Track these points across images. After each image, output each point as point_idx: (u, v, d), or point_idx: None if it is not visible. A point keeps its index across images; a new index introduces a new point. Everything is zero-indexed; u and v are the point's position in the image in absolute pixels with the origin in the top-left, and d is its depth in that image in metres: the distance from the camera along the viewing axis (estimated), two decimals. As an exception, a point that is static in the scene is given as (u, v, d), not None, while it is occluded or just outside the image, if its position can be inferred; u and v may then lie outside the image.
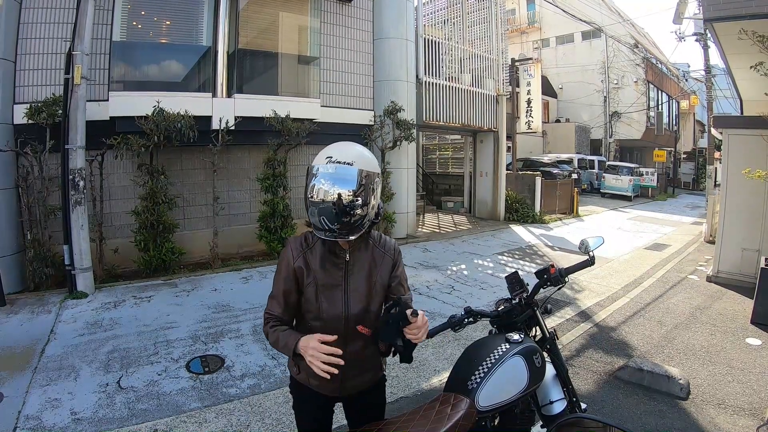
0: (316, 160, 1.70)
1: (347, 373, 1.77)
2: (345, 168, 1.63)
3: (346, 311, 1.76)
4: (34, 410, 3.40)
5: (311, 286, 1.75)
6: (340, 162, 1.64)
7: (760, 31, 5.48)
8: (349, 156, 1.66)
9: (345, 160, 1.65)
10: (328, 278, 1.76)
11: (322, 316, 1.75)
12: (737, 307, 6.20)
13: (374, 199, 1.70)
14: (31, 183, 6.29)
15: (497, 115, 13.27)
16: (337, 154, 1.66)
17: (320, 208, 1.64)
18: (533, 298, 2.29)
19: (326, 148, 1.71)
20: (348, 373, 1.77)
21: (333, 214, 1.62)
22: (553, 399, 2.21)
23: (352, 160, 1.65)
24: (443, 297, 6.38)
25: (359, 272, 1.79)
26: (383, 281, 1.83)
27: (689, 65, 37.81)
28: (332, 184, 1.62)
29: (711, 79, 17.58)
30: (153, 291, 6.23)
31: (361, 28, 10.04)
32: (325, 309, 1.74)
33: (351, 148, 1.72)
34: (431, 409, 1.83)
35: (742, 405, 3.73)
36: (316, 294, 1.74)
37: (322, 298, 1.75)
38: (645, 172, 22.85)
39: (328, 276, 1.76)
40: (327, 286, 1.75)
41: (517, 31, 30.42)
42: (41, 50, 6.68)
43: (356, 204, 1.63)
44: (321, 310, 1.74)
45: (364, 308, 1.79)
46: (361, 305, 1.78)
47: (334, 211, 1.62)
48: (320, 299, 1.74)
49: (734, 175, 7.03)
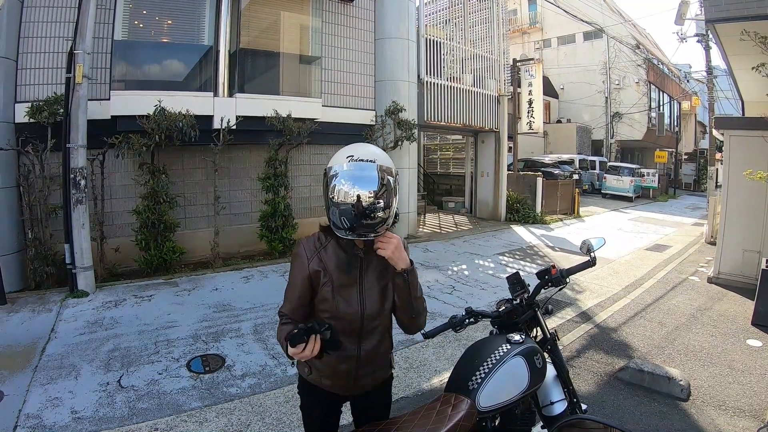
0: (334, 161, 1.68)
1: (361, 371, 1.81)
2: (368, 165, 1.63)
3: (362, 309, 1.76)
4: (35, 409, 3.40)
5: (327, 285, 1.75)
6: (363, 160, 1.64)
7: (762, 32, 5.48)
8: (370, 154, 1.66)
9: (367, 158, 1.65)
10: (343, 277, 1.76)
11: (338, 315, 1.74)
12: (738, 309, 6.19)
13: (395, 198, 1.70)
14: (32, 182, 6.29)
15: (498, 115, 13.27)
16: (359, 153, 1.66)
17: (342, 209, 1.63)
18: (534, 299, 2.29)
19: (343, 149, 1.70)
20: (362, 371, 1.81)
21: (354, 215, 1.61)
22: (554, 400, 2.20)
23: (373, 158, 1.65)
24: (444, 297, 6.39)
25: (374, 270, 1.80)
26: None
27: (691, 66, 38.00)
28: (353, 184, 1.61)
29: (712, 80, 17.55)
30: (154, 290, 6.23)
31: (363, 27, 10.03)
32: (342, 308, 1.74)
33: (369, 147, 1.73)
34: (432, 410, 1.83)
35: (742, 406, 3.73)
36: (332, 293, 1.75)
37: (338, 297, 1.75)
38: (646, 172, 22.82)
39: (343, 275, 1.76)
40: (343, 284, 1.76)
41: (519, 32, 30.42)
42: (43, 49, 6.68)
43: (379, 205, 1.62)
44: (337, 309, 1.74)
45: (380, 306, 1.80)
46: (377, 303, 1.79)
47: (359, 210, 1.61)
48: (336, 298, 1.75)
49: (735, 177, 7.03)
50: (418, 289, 1.81)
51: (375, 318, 1.80)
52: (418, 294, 1.81)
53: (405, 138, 9.81)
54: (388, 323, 1.90)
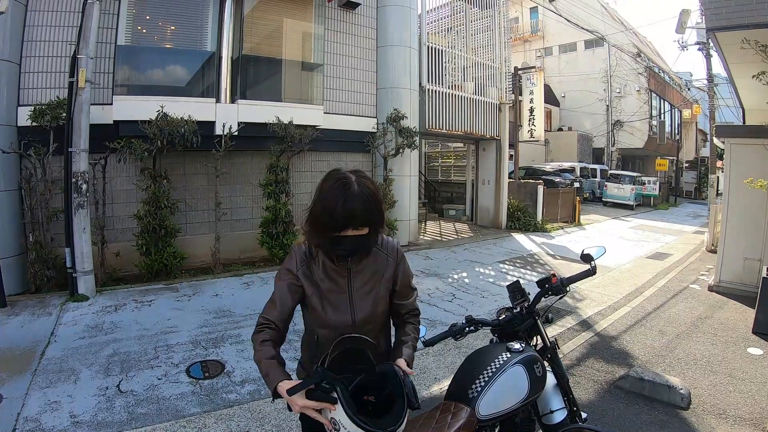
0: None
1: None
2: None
3: (353, 317, 1.74)
4: (34, 412, 3.39)
5: (315, 295, 1.73)
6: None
7: (763, 40, 5.50)
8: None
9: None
10: (332, 286, 1.74)
11: (329, 324, 1.73)
12: (739, 317, 6.18)
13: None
14: (33, 185, 6.32)
15: (500, 123, 13.29)
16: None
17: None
18: (534, 308, 2.29)
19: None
20: None
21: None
22: (554, 408, 2.20)
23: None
24: (444, 305, 6.38)
25: (363, 277, 1.78)
26: (387, 284, 1.83)
27: (692, 74, 37.89)
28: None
29: (713, 88, 17.57)
30: (154, 295, 6.23)
31: (365, 35, 10.08)
32: (332, 317, 1.73)
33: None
34: (432, 418, 1.83)
35: (743, 415, 3.72)
36: (321, 303, 1.73)
37: (327, 306, 1.73)
38: (647, 180, 22.83)
39: (332, 284, 1.74)
40: (332, 293, 1.74)
41: (520, 40, 30.52)
42: (46, 53, 6.73)
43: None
44: (327, 318, 1.73)
45: (371, 312, 1.78)
46: (368, 310, 1.77)
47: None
48: (326, 307, 1.73)
49: (736, 185, 7.03)
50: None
51: (367, 324, 1.77)
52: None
53: (406, 145, 9.82)
54: (382, 325, 1.87)
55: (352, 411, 1.38)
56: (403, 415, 1.48)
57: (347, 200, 1.54)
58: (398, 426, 1.44)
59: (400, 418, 1.46)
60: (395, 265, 1.85)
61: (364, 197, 1.57)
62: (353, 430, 1.38)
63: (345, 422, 1.38)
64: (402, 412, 1.48)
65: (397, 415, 1.47)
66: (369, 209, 1.58)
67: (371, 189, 1.61)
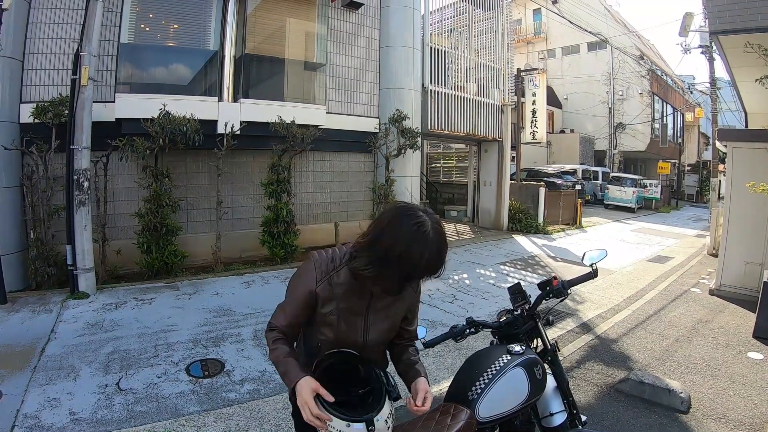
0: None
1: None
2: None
3: (365, 338, 1.73)
4: (33, 409, 3.40)
5: (332, 314, 1.67)
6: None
7: (766, 44, 5.50)
8: None
9: None
10: (351, 306, 1.69)
11: (339, 338, 1.70)
12: (739, 321, 6.16)
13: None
14: (35, 182, 6.32)
15: (502, 124, 13.29)
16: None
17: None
18: (535, 310, 2.29)
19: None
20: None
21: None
22: (554, 411, 2.20)
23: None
24: (445, 306, 6.38)
25: (384, 302, 1.73)
26: (404, 311, 1.82)
27: (694, 77, 37.93)
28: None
29: (716, 92, 17.54)
30: (155, 293, 6.23)
31: (368, 35, 10.09)
32: (344, 333, 1.70)
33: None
34: (431, 420, 1.82)
35: (742, 419, 3.71)
36: (336, 320, 1.68)
37: (342, 323, 1.69)
38: (649, 183, 22.81)
39: (351, 304, 1.68)
40: (349, 313, 1.69)
41: (523, 41, 30.54)
42: (49, 50, 6.74)
43: None
44: (339, 332, 1.70)
45: (384, 337, 1.79)
46: (381, 334, 1.77)
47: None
48: (341, 324, 1.69)
49: (738, 188, 7.02)
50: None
51: (376, 345, 1.79)
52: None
53: (408, 146, 9.82)
54: (386, 346, 1.91)
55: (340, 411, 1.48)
56: (382, 401, 1.55)
57: (431, 257, 1.44)
58: (378, 412, 1.51)
59: (380, 404, 1.54)
60: (414, 294, 1.84)
61: (442, 248, 1.48)
62: (338, 425, 1.46)
63: (335, 423, 1.47)
64: (381, 398, 1.55)
65: (376, 403, 1.55)
66: (443, 261, 1.50)
67: (444, 235, 1.51)
